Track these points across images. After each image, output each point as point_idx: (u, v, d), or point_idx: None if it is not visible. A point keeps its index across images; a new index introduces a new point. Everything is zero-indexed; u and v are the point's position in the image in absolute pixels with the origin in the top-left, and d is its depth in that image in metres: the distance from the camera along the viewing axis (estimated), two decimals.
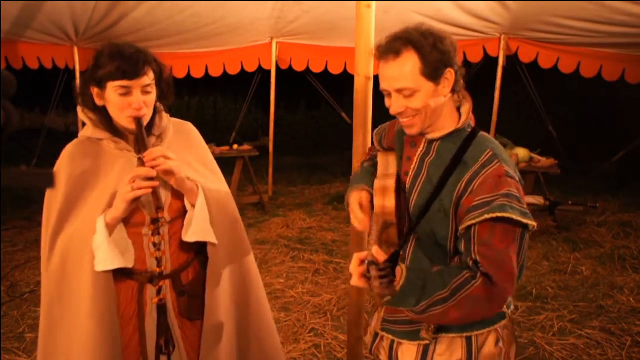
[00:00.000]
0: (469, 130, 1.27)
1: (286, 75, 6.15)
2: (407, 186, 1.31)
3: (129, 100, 1.39)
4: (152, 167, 1.37)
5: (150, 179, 1.36)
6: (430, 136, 1.29)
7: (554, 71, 5.23)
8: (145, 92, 1.42)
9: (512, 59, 5.32)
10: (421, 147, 1.31)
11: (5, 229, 4.94)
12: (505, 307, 1.31)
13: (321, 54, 5.78)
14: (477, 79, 4.78)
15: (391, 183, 1.30)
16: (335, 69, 5.81)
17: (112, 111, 1.43)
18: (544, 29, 4.77)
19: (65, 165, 1.46)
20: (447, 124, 1.27)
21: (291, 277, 3.87)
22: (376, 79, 1.90)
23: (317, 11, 4.85)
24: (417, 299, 1.14)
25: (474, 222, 1.15)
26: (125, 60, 1.37)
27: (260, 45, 5.78)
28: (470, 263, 1.17)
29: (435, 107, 1.23)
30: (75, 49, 5.34)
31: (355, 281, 1.13)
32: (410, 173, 1.31)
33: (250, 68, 5.92)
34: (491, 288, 1.13)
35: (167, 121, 1.58)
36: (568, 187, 6.27)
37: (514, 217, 1.12)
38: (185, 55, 5.65)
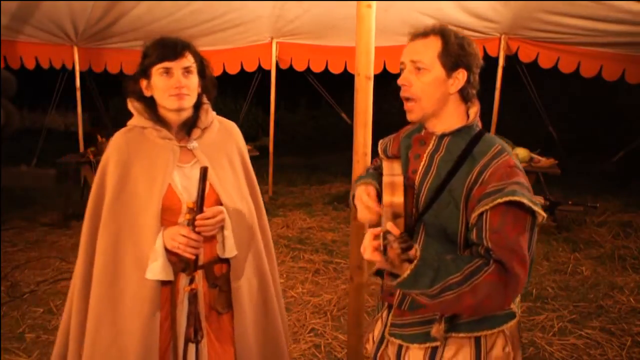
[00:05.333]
0: (477, 129, 1.32)
1: (286, 75, 6.14)
2: (417, 183, 1.33)
3: (171, 81, 1.47)
4: (200, 232, 1.47)
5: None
6: (440, 131, 1.32)
7: (554, 71, 5.23)
8: (186, 75, 1.49)
9: (512, 59, 5.32)
10: (431, 144, 1.34)
11: (5, 229, 4.93)
12: (514, 306, 1.31)
13: (321, 53, 5.77)
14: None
15: (399, 179, 1.31)
16: (336, 69, 5.80)
17: (158, 95, 1.50)
18: (544, 28, 4.77)
19: (113, 154, 1.55)
20: (454, 122, 1.31)
21: (291, 277, 3.87)
22: (377, 78, 1.91)
23: (317, 10, 4.85)
24: (432, 279, 1.13)
25: (486, 208, 1.16)
26: (165, 45, 1.48)
27: (260, 45, 5.78)
28: (482, 251, 1.18)
29: (436, 98, 1.27)
30: (75, 49, 5.34)
31: (369, 255, 1.14)
32: (420, 170, 1.33)
33: (250, 68, 5.92)
34: (505, 275, 1.13)
35: (213, 117, 1.64)
36: (568, 187, 6.27)
37: (525, 201, 1.13)
38: None
